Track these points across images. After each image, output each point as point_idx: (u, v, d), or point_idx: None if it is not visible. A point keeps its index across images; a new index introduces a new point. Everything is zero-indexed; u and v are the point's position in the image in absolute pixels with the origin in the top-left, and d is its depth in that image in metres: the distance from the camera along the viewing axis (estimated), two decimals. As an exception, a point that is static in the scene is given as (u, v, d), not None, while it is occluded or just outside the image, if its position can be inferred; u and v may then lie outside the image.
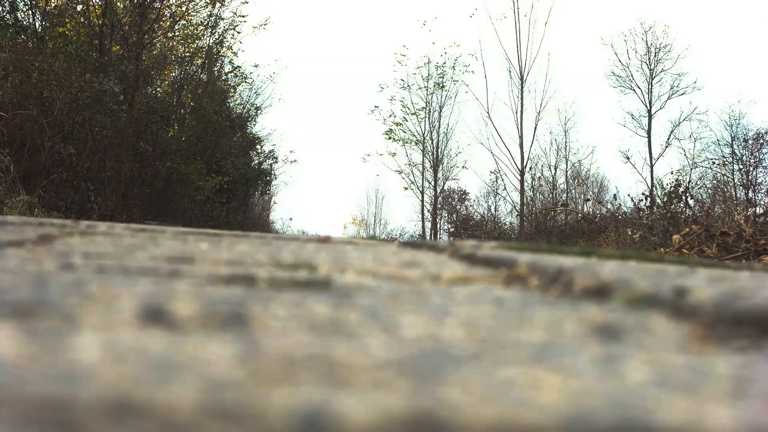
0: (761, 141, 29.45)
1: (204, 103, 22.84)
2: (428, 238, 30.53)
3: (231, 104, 25.09)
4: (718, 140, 30.86)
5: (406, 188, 31.50)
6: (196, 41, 22.17)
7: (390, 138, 31.33)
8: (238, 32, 24.41)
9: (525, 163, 28.49)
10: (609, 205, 16.21)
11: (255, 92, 26.43)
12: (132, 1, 18.84)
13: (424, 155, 31.50)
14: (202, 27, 22.15)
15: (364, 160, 32.61)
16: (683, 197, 12.07)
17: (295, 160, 28.96)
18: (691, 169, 30.51)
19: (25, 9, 17.43)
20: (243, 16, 23.44)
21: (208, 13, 21.87)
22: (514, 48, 28.85)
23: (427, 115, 31.51)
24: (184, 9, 20.43)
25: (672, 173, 28.10)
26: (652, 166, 30.23)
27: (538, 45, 29.35)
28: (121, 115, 17.08)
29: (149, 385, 0.59)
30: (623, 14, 51.82)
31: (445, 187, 32.50)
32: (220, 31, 23.67)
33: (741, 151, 30.22)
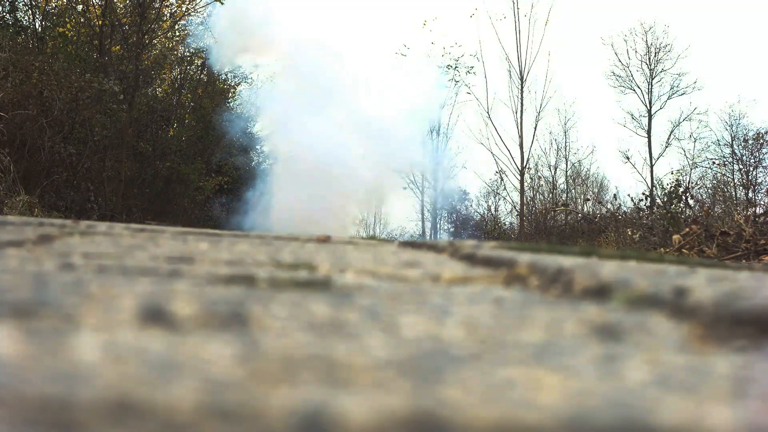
0: (761, 141, 29.42)
1: (204, 103, 22.85)
2: (428, 238, 30.53)
3: (231, 104, 25.10)
4: (718, 140, 30.85)
5: (404, 188, 31.50)
6: (197, 41, 22.18)
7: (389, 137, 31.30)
8: (239, 33, 24.40)
9: (525, 163, 28.50)
10: (609, 205, 16.21)
11: (255, 92, 26.44)
12: (132, 1, 18.84)
13: (423, 155, 31.48)
14: (202, 27, 22.16)
15: (363, 159, 32.58)
16: (683, 197, 12.07)
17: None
18: (691, 169, 30.52)
19: (25, 9, 17.44)
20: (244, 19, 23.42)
21: (209, 13, 21.88)
22: (514, 48, 28.87)
23: (427, 115, 31.50)
24: (184, 9, 20.44)
25: (672, 173, 28.12)
26: (652, 166, 30.23)
27: (538, 45, 29.27)
28: (121, 115, 17.09)
29: (149, 385, 0.59)
30: (623, 14, 51.77)
31: (445, 187, 32.50)
32: (220, 30, 23.66)
33: (741, 151, 30.21)
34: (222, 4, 19.27)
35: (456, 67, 30.73)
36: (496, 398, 0.61)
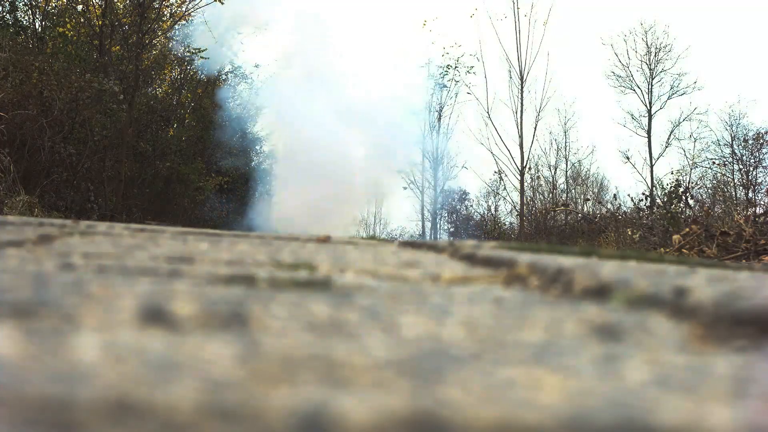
0: (761, 141, 29.43)
1: (204, 104, 22.85)
2: (428, 238, 30.55)
3: (231, 104, 25.11)
4: (718, 140, 30.86)
5: (405, 188, 31.52)
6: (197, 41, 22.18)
7: (390, 137, 31.35)
8: (239, 33, 24.45)
9: (525, 163, 28.50)
10: (609, 205, 16.22)
11: (255, 92, 26.45)
12: (132, 1, 18.84)
13: (423, 155, 31.55)
14: (202, 27, 22.17)
15: (364, 159, 32.58)
16: (683, 197, 12.07)
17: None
18: (691, 169, 30.52)
19: (25, 9, 17.44)
20: (244, 17, 23.47)
21: (209, 13, 21.87)
22: (514, 48, 28.88)
23: (427, 115, 31.55)
24: (183, 9, 20.43)
25: (672, 173, 28.14)
26: (652, 166, 30.23)
27: (538, 45, 29.26)
28: (121, 115, 17.08)
29: (149, 385, 0.59)
30: (623, 14, 51.81)
31: (445, 187, 32.52)
32: (221, 31, 23.69)
33: (741, 151, 30.21)
34: (222, 3, 19.28)
35: (456, 67, 30.75)
36: (496, 398, 0.61)
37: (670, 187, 12.98)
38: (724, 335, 0.97)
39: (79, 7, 18.19)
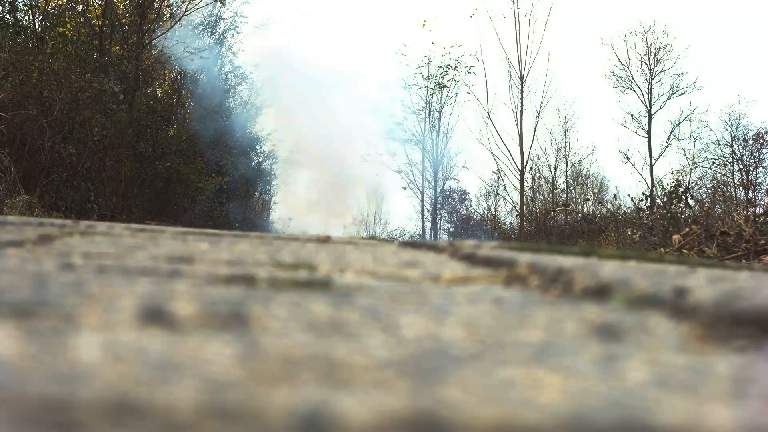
0: (761, 141, 29.41)
1: (203, 103, 22.86)
2: (428, 238, 30.54)
3: (231, 104, 25.14)
4: (718, 140, 30.83)
5: (404, 188, 31.53)
6: (197, 41, 22.20)
7: (390, 137, 31.42)
8: (239, 32, 24.49)
9: (525, 163, 28.48)
10: (609, 205, 16.23)
11: (255, 92, 26.48)
12: (132, 1, 18.84)
13: (424, 155, 31.55)
14: (202, 27, 22.19)
15: (363, 159, 32.60)
16: (683, 197, 12.06)
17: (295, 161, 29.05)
18: (691, 169, 30.49)
19: (25, 9, 17.44)
20: (244, 17, 23.52)
21: (209, 13, 21.89)
22: (514, 48, 28.85)
23: (427, 115, 31.55)
24: (184, 9, 20.42)
25: (672, 173, 28.12)
26: (652, 166, 30.21)
27: (538, 45, 29.21)
28: (121, 115, 17.08)
29: (149, 385, 0.59)
30: (623, 14, 51.90)
31: (445, 187, 32.52)
32: (220, 31, 23.75)
33: (741, 151, 30.19)
34: (223, 5, 19.27)
35: (456, 66, 30.75)
36: (496, 398, 0.61)
37: (670, 187, 12.97)
38: (724, 335, 0.97)
39: (79, 7, 18.19)
